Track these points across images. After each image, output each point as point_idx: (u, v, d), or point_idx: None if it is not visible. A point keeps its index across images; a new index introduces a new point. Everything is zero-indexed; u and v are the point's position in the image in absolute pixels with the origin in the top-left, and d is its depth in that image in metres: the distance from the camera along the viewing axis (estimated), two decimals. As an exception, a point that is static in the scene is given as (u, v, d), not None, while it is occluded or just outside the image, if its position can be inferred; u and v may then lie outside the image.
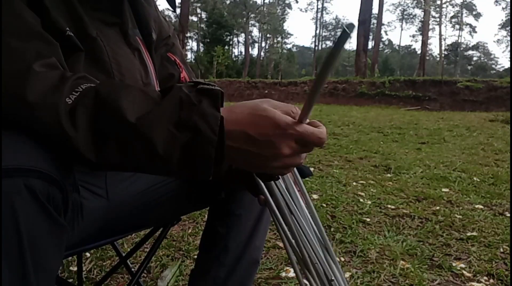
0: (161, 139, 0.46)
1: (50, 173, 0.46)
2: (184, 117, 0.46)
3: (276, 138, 0.48)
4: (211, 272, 0.88)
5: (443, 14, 40.79)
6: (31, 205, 0.44)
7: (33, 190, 0.44)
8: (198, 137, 0.46)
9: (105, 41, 0.71)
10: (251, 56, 46.37)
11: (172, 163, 0.47)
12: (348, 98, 15.75)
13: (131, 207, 0.79)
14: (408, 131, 6.32)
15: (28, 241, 0.44)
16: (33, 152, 0.46)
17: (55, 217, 0.47)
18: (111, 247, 1.38)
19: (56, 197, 0.47)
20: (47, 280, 0.48)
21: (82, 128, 0.47)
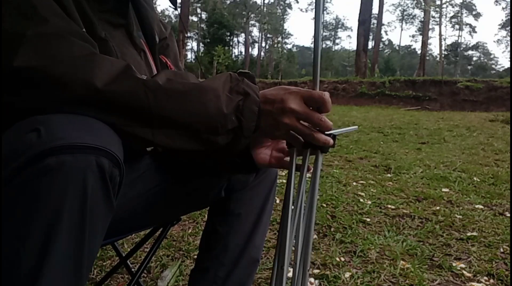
0: (224, 100, 0.59)
1: (116, 155, 0.49)
2: (234, 86, 0.61)
3: (284, 95, 0.62)
4: (211, 271, 0.88)
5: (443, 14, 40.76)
6: (98, 182, 0.48)
7: (102, 168, 0.48)
8: (247, 98, 0.60)
9: (113, 42, 0.72)
10: (251, 56, 46.39)
11: (230, 119, 0.59)
12: (348, 98, 15.74)
13: (132, 208, 0.79)
14: (408, 131, 6.32)
15: (89, 215, 0.48)
16: (104, 134, 0.50)
17: (111, 198, 0.51)
18: (111, 247, 1.38)
19: (116, 179, 0.51)
20: (93, 253, 0.52)
21: (159, 91, 0.55)
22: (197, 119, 0.58)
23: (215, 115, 0.58)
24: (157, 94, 0.55)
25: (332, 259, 1.53)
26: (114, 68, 0.54)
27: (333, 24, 58.15)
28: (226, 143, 0.61)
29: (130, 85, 0.54)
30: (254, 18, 44.64)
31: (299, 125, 0.62)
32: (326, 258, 1.54)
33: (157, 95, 0.55)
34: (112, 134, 0.52)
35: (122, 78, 0.54)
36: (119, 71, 0.54)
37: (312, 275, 1.42)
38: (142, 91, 0.54)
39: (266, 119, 0.62)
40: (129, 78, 0.55)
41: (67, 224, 0.46)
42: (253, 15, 43.55)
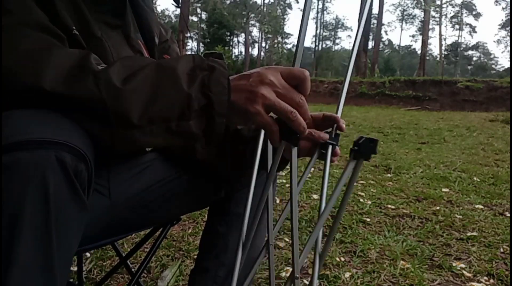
0: (184, 78, 0.53)
1: (79, 149, 0.47)
2: (198, 64, 0.54)
3: (262, 70, 0.55)
4: (211, 271, 0.88)
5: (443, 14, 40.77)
6: (61, 177, 0.45)
7: (63, 163, 0.45)
8: (213, 72, 0.54)
9: (109, 42, 0.72)
10: (251, 56, 46.38)
11: (195, 97, 0.52)
12: (348, 98, 15.73)
13: (132, 207, 0.79)
14: (408, 131, 6.32)
15: (54, 210, 0.45)
16: (66, 128, 0.48)
17: (80, 194, 0.48)
18: (111, 247, 1.38)
19: (83, 174, 0.48)
20: (66, 254, 0.49)
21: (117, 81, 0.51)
22: (159, 108, 0.52)
23: (176, 97, 0.52)
24: (111, 92, 0.50)
25: (332, 259, 1.53)
26: (67, 65, 0.51)
27: (333, 24, 58.15)
28: (203, 130, 0.55)
29: (81, 84, 0.50)
30: (254, 18, 44.64)
31: (279, 100, 0.54)
32: (326, 258, 1.54)
33: (111, 93, 0.51)
34: (77, 128, 0.50)
35: (74, 76, 0.51)
36: (72, 67, 0.51)
37: (312, 275, 1.42)
38: (96, 91, 0.50)
39: (241, 93, 0.54)
40: (82, 75, 0.51)
41: (29, 223, 0.44)
42: (253, 15, 43.55)
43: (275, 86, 0.54)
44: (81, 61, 0.52)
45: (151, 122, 0.52)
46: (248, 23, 43.21)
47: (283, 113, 0.54)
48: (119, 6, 0.77)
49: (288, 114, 0.54)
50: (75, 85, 0.50)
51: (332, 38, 58.39)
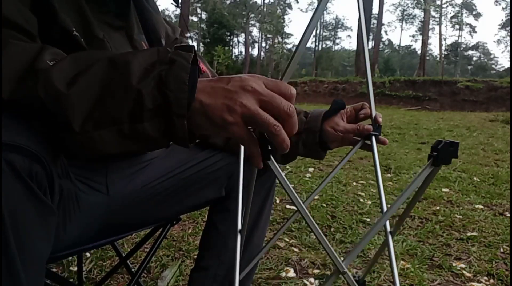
0: (136, 71, 0.46)
1: (30, 148, 0.44)
2: (162, 56, 0.48)
3: (244, 75, 0.48)
4: (211, 270, 0.88)
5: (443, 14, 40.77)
6: (11, 180, 0.42)
7: (13, 165, 0.42)
8: (171, 67, 0.46)
9: (111, 43, 0.72)
10: (251, 56, 46.38)
11: (147, 94, 0.45)
12: (348, 98, 15.73)
13: (131, 204, 0.79)
14: (408, 131, 6.32)
15: (10, 219, 0.42)
16: (13, 127, 0.45)
17: (38, 195, 0.45)
18: (111, 247, 1.38)
19: (39, 175, 0.45)
20: (33, 264, 0.46)
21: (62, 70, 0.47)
22: (106, 110, 0.46)
23: (125, 95, 0.46)
24: (51, 96, 0.46)
25: (332, 259, 1.53)
26: (16, 65, 0.47)
27: (333, 24, 58.15)
28: (163, 133, 0.48)
29: (24, 88, 0.46)
30: (254, 18, 44.64)
31: (260, 110, 0.46)
32: (326, 258, 1.54)
33: (52, 97, 0.46)
34: (29, 127, 0.46)
35: (20, 78, 0.47)
36: (21, 68, 0.47)
37: (312, 275, 1.42)
38: (36, 95, 0.46)
39: (217, 96, 0.47)
40: (27, 77, 0.47)
41: None
42: (253, 15, 43.55)
43: (258, 94, 0.47)
44: (31, 59, 0.48)
45: (97, 126, 0.46)
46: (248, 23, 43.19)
47: (265, 126, 0.46)
48: (122, 7, 0.77)
49: (270, 128, 0.46)
50: (18, 88, 0.46)
51: (332, 38, 58.40)
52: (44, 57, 0.48)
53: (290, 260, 1.52)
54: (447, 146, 0.54)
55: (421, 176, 0.58)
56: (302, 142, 0.87)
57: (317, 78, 19.32)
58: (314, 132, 0.86)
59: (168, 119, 0.46)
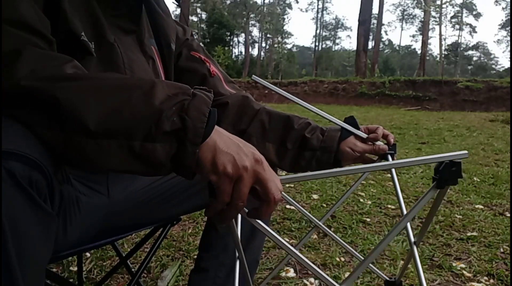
0: (161, 95, 0.48)
1: (31, 156, 0.44)
2: (183, 88, 0.51)
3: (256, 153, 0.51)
4: (211, 271, 0.88)
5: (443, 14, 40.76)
6: (10, 188, 0.42)
7: (12, 173, 0.42)
8: (194, 99, 0.49)
9: (121, 48, 0.72)
10: (251, 56, 46.38)
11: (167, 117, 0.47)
12: (348, 98, 15.73)
13: (131, 206, 0.79)
14: (408, 131, 6.32)
15: (10, 227, 0.42)
16: (14, 135, 0.45)
17: (38, 203, 0.45)
18: (111, 247, 1.38)
19: (39, 182, 0.45)
20: (33, 270, 0.46)
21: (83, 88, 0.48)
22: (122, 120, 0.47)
23: (145, 110, 0.47)
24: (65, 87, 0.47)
25: (332, 259, 1.53)
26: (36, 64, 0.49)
27: (333, 24, 58.15)
28: (171, 158, 0.48)
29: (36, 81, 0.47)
30: (254, 18, 44.64)
31: (250, 184, 0.50)
32: (326, 258, 1.54)
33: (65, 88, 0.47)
34: (28, 134, 0.46)
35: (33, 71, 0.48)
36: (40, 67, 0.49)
37: (312, 275, 1.42)
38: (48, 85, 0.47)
39: (229, 147, 0.49)
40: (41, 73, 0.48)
41: None
42: (253, 15, 43.55)
43: (262, 167, 0.50)
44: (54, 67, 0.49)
45: (109, 134, 0.46)
46: (248, 23, 43.18)
47: (239, 196, 0.49)
48: (134, 11, 0.77)
49: (237, 200, 0.49)
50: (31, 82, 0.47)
51: (332, 38, 58.38)
52: (66, 69, 0.50)
53: (290, 260, 1.52)
54: (448, 167, 0.52)
55: (425, 199, 0.56)
56: (316, 159, 0.87)
57: (317, 78, 19.30)
58: (330, 152, 0.87)
59: (181, 145, 0.48)
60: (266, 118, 0.89)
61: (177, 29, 0.93)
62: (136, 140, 0.47)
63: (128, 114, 0.47)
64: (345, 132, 0.88)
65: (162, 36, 0.85)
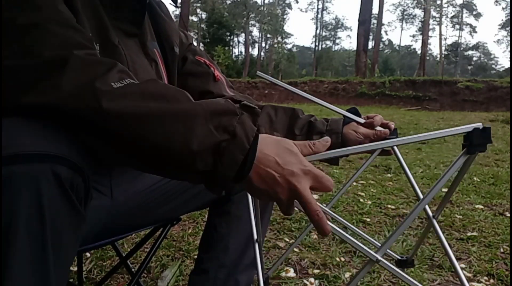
0: (200, 133, 0.49)
1: (76, 162, 0.47)
2: (225, 121, 0.51)
3: (297, 170, 0.52)
4: (211, 272, 0.88)
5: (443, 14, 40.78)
6: (55, 190, 0.45)
7: (59, 176, 0.45)
8: (233, 141, 0.50)
9: (125, 50, 0.73)
10: (251, 56, 46.37)
11: (200, 160, 0.50)
12: (348, 98, 15.73)
13: (133, 206, 0.79)
14: (408, 131, 6.32)
15: (50, 224, 0.45)
16: (62, 140, 0.48)
17: (76, 206, 0.48)
18: (111, 247, 1.38)
19: (79, 186, 0.48)
20: (64, 268, 0.50)
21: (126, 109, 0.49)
22: (156, 150, 0.50)
23: (180, 150, 0.49)
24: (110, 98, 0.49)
25: (332, 259, 1.53)
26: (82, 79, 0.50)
27: (333, 24, 58.15)
28: (198, 183, 0.54)
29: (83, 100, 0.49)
30: (254, 18, 44.63)
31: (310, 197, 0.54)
32: (326, 258, 1.54)
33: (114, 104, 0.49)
34: (72, 139, 0.49)
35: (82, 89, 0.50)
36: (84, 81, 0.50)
37: (312, 275, 1.42)
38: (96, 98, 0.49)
39: (263, 179, 0.52)
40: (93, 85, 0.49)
41: (23, 237, 0.44)
42: (253, 15, 43.54)
43: (301, 197, 0.53)
44: (95, 76, 0.50)
45: (143, 156, 0.51)
46: (248, 23, 43.18)
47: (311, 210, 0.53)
48: (137, 14, 0.77)
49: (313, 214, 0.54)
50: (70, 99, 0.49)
51: (332, 38, 58.39)
52: (109, 78, 0.51)
53: (290, 260, 1.52)
54: (478, 132, 0.52)
55: (455, 166, 0.57)
56: None
57: (317, 78, 19.30)
58: (337, 133, 0.89)
59: (211, 183, 0.52)
60: (272, 111, 0.92)
61: (180, 34, 0.94)
62: (169, 167, 0.52)
63: (165, 148, 0.49)
64: (347, 119, 0.92)
65: (165, 40, 0.85)
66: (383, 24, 46.65)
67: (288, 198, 0.52)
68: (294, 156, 0.52)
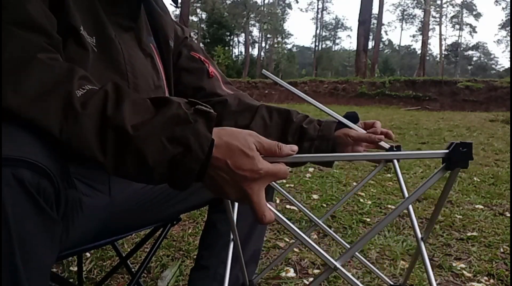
0: (153, 150, 0.49)
1: (40, 164, 0.45)
2: (178, 133, 0.49)
3: (250, 177, 0.52)
4: (212, 269, 0.89)
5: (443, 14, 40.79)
6: (19, 196, 0.43)
7: (21, 181, 0.43)
8: (187, 154, 0.49)
9: (122, 44, 0.73)
10: (251, 56, 46.36)
11: (157, 173, 0.50)
12: (348, 98, 15.73)
13: (132, 205, 0.79)
14: (408, 131, 6.32)
15: (16, 232, 0.43)
16: (24, 142, 0.45)
17: (45, 210, 0.46)
18: (111, 247, 1.38)
19: (47, 189, 0.46)
20: (38, 274, 0.47)
21: (87, 125, 0.48)
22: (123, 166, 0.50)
23: (136, 165, 0.50)
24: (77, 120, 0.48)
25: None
26: (44, 84, 0.49)
27: (333, 24, 58.15)
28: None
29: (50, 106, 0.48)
30: (254, 18, 44.62)
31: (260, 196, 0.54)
32: (326, 258, 1.54)
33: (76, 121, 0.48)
34: (40, 141, 0.47)
35: (47, 96, 0.48)
36: (48, 87, 0.49)
37: (312, 275, 1.42)
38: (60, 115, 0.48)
39: (214, 181, 0.53)
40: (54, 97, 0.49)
41: None
42: (253, 15, 43.53)
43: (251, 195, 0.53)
44: (66, 92, 0.49)
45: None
46: (248, 23, 43.19)
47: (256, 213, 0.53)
48: (133, 9, 0.78)
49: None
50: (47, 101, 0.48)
51: (332, 38, 58.39)
52: (74, 86, 0.50)
53: (290, 260, 1.52)
54: (458, 147, 0.50)
55: (431, 181, 0.54)
56: (315, 148, 0.88)
57: (317, 78, 19.30)
58: (328, 140, 0.87)
59: (171, 186, 0.53)
60: (267, 114, 0.92)
61: (176, 27, 0.93)
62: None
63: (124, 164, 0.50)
64: (342, 123, 0.89)
65: (161, 34, 0.86)
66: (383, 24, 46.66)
67: (239, 199, 0.53)
68: (248, 159, 0.51)
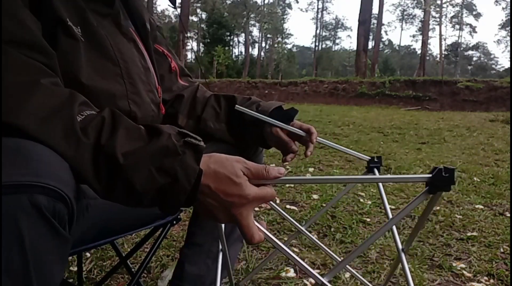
0: (142, 178, 0.50)
1: (55, 188, 0.45)
2: (167, 164, 0.51)
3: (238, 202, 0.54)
4: (205, 246, 0.93)
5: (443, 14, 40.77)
6: (37, 222, 0.43)
7: (38, 207, 0.43)
8: (174, 185, 0.51)
9: (104, 31, 0.74)
10: (251, 56, 46.37)
11: (146, 199, 0.52)
12: (348, 98, 15.73)
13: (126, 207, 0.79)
14: (408, 131, 6.32)
15: (33, 258, 0.44)
16: (37, 166, 0.45)
17: (60, 232, 0.47)
18: (111, 247, 1.38)
19: (61, 211, 0.46)
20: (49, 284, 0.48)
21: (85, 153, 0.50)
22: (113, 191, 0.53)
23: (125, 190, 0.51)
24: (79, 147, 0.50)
25: (332, 259, 1.53)
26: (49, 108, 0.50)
27: (333, 24, 58.14)
28: None
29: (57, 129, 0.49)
30: (254, 18, 44.61)
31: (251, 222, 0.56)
32: (326, 258, 1.54)
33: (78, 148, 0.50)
34: (55, 163, 0.47)
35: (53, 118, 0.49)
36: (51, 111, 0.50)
37: (312, 275, 1.42)
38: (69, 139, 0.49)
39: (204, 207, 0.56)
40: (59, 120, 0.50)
41: (6, 271, 0.42)
42: (253, 15, 43.52)
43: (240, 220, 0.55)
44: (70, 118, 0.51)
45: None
46: (248, 23, 43.18)
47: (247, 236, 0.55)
48: None
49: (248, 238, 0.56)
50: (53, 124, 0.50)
51: (332, 38, 58.40)
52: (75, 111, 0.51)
53: (290, 260, 1.52)
54: (440, 173, 0.51)
55: (414, 203, 0.57)
56: (249, 133, 0.95)
57: (317, 78, 19.29)
58: (260, 134, 0.94)
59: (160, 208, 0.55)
60: (215, 103, 0.97)
61: (148, 14, 0.95)
62: None
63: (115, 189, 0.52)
64: (276, 113, 0.93)
65: (137, 17, 0.87)
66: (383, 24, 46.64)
67: (229, 222, 0.56)
68: (236, 186, 0.53)
